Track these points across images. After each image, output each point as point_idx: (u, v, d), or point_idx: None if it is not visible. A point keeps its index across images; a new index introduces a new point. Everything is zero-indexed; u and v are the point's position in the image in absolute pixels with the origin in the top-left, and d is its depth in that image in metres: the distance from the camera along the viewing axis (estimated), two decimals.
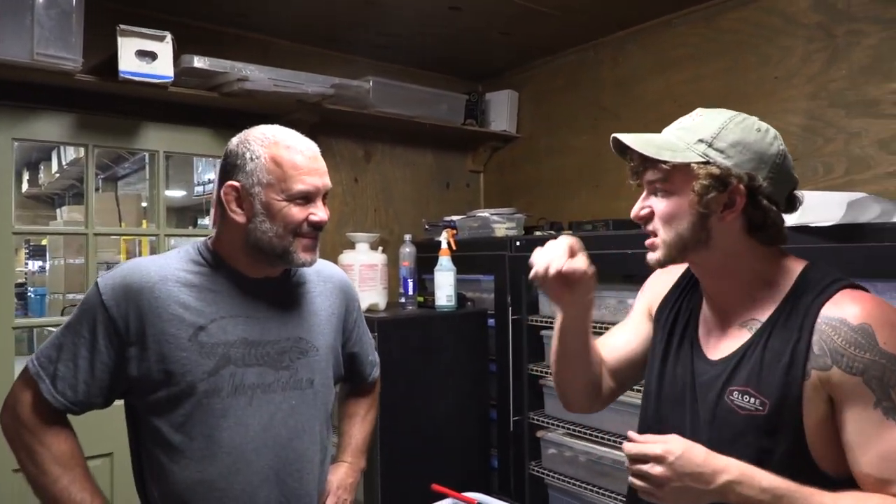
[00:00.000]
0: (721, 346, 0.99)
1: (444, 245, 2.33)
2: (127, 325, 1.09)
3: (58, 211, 5.26)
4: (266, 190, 1.10)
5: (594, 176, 2.67)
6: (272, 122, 1.19)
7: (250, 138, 1.13)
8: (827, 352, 0.87)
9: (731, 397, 0.93)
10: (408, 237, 2.44)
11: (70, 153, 4.20)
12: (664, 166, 0.93)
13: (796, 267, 0.97)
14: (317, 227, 1.14)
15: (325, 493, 1.31)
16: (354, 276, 2.25)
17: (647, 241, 0.99)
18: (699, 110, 0.98)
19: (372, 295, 2.30)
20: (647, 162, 0.95)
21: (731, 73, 2.22)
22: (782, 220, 0.95)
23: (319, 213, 1.14)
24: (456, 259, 2.35)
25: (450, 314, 2.32)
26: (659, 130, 1.00)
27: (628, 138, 0.96)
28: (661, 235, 0.96)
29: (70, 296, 3.99)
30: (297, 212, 1.12)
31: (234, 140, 1.16)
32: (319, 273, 1.31)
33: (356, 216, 2.81)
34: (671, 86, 2.41)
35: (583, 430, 2.10)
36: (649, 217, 0.98)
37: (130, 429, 1.18)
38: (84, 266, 2.24)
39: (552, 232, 2.46)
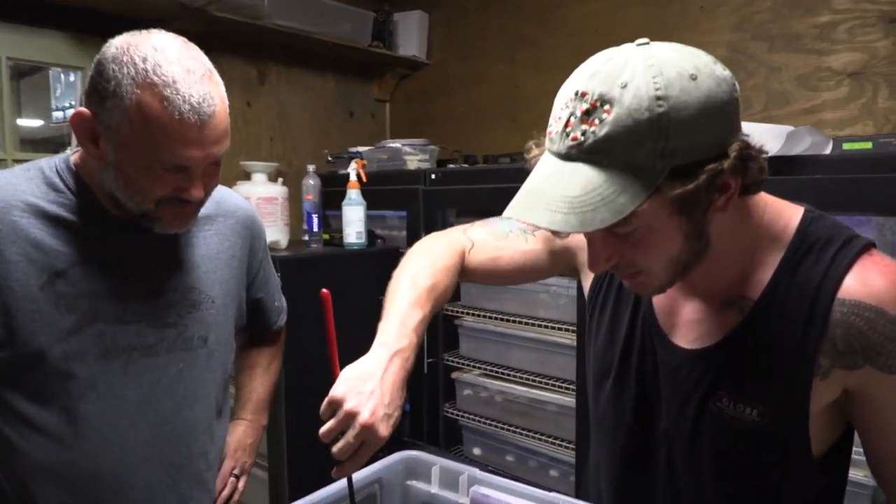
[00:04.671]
0: (696, 331, 0.78)
1: (352, 177, 2.13)
2: None
3: None
4: (120, 150, 0.83)
5: (511, 109, 2.54)
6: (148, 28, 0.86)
7: (126, 60, 0.80)
8: (858, 349, 0.69)
9: (720, 404, 0.75)
10: (311, 168, 2.21)
11: None
12: (619, 227, 0.63)
13: (790, 216, 0.75)
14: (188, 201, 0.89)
15: (222, 456, 1.13)
16: None
17: (630, 283, 0.74)
18: (604, 58, 0.65)
19: (272, 232, 2.07)
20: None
21: (654, 2, 2.13)
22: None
23: (194, 191, 0.87)
24: (363, 194, 2.16)
25: (360, 252, 2.15)
26: (580, 61, 0.68)
27: (547, 217, 0.63)
28: (649, 270, 0.70)
29: None
30: (159, 182, 0.85)
31: (112, 49, 0.82)
32: (219, 205, 1.08)
33: (248, 146, 2.53)
34: (593, 14, 2.29)
35: (499, 369, 2.05)
36: (620, 264, 0.70)
37: None
38: None
39: (466, 165, 2.33)
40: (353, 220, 2.11)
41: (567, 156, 0.64)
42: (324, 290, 0.81)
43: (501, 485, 0.90)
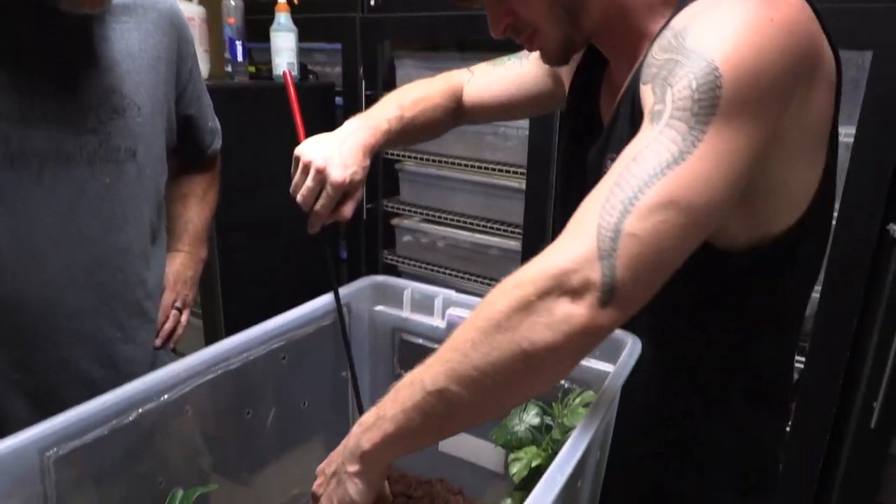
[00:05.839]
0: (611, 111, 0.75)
1: None
2: None
3: None
4: None
5: None
6: None
7: None
8: (640, 72, 0.63)
9: (605, 168, 0.69)
10: None
11: None
12: None
13: None
14: None
15: (161, 288, 1.03)
16: None
17: (531, 47, 0.74)
18: None
19: None
20: None
21: None
22: None
23: None
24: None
25: None
26: None
27: None
28: (538, 25, 0.70)
29: None
30: None
31: None
32: None
33: None
34: None
35: (441, 215, 1.99)
36: (516, 25, 0.71)
37: None
38: None
39: None
40: (284, 49, 1.89)
41: None
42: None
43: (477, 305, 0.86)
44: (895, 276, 1.36)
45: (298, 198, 0.78)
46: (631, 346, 0.70)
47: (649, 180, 0.51)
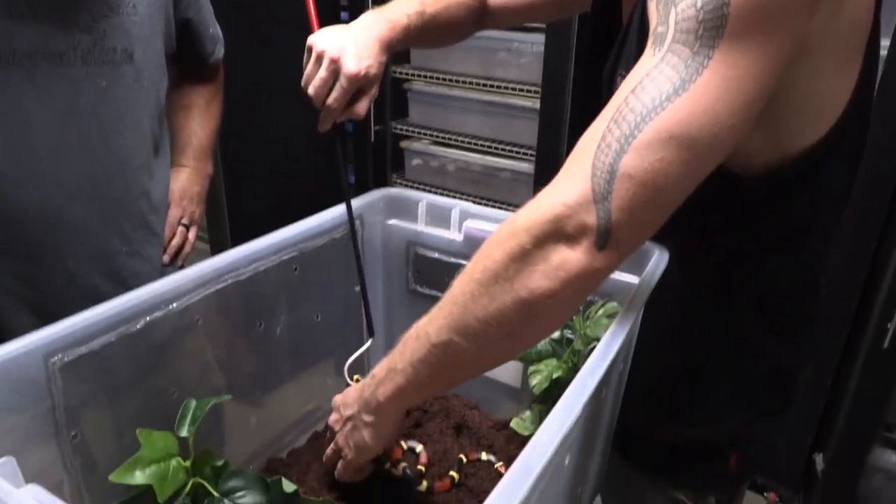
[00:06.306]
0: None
1: None
2: None
3: None
4: None
5: None
6: None
7: None
8: None
9: (616, 85, 0.64)
10: None
11: None
12: None
13: None
14: None
15: (166, 203, 1.00)
16: None
17: None
18: None
19: None
20: None
21: None
22: None
23: None
24: None
25: None
26: None
27: None
28: None
29: None
30: None
31: None
32: None
33: None
34: None
35: (452, 137, 1.93)
36: None
37: None
38: None
39: None
40: None
41: None
42: None
43: (496, 217, 0.82)
44: None
45: (310, 90, 0.73)
46: (658, 257, 0.67)
47: (647, 115, 0.47)
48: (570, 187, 0.48)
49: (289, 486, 0.60)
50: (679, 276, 0.68)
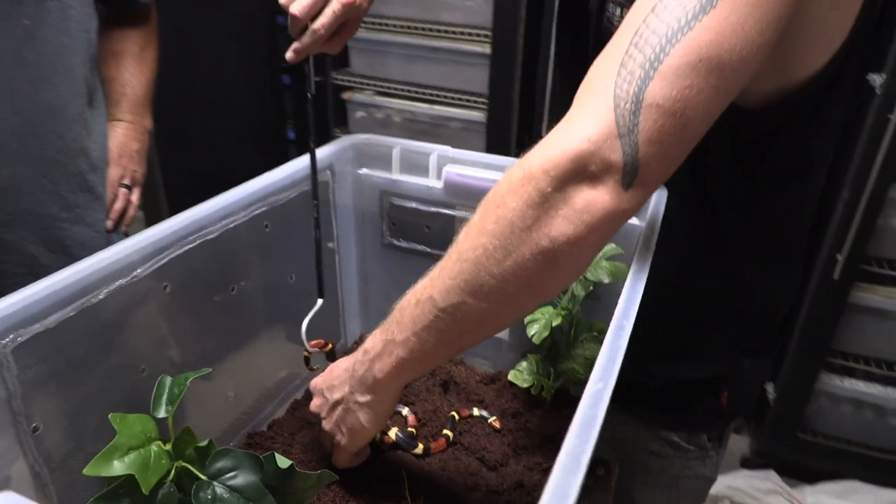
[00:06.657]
0: None
1: None
2: None
3: None
4: None
5: None
6: None
7: None
8: None
9: (608, 13, 0.63)
10: None
11: None
12: None
13: None
14: None
15: (106, 162, 0.89)
16: None
17: None
18: None
19: None
20: None
21: None
22: None
23: None
24: None
25: None
26: None
27: None
28: None
29: None
30: None
31: None
32: None
33: None
34: None
35: (397, 86, 1.84)
36: None
37: None
38: None
39: None
40: None
41: None
42: None
43: (479, 160, 0.77)
44: (870, 130, 1.35)
45: (295, 7, 0.62)
46: (658, 196, 0.64)
47: (673, 36, 0.42)
48: (591, 122, 0.44)
49: (283, 462, 0.55)
50: (675, 216, 0.66)
